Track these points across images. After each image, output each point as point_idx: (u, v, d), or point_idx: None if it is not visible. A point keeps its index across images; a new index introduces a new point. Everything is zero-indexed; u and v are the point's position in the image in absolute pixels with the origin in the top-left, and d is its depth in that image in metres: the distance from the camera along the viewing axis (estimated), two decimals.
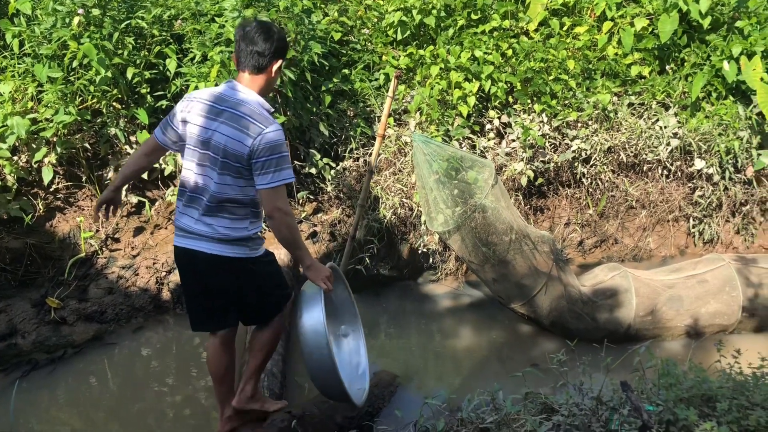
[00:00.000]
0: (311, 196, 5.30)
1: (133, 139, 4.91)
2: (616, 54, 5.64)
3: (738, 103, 5.40)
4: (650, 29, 5.61)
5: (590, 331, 4.31)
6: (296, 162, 5.12)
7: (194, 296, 3.06)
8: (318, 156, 5.12)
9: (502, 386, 2.62)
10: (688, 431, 2.10)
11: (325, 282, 2.96)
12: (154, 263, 4.78)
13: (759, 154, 5.34)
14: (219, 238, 2.82)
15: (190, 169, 2.84)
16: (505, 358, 4.43)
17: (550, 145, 5.46)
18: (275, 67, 2.83)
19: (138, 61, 4.74)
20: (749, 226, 5.61)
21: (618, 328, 4.36)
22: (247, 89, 2.81)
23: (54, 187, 4.84)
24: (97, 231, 4.80)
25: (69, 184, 4.89)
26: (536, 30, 5.83)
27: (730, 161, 5.39)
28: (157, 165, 4.88)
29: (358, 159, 5.30)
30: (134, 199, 4.94)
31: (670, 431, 2.14)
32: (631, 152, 5.48)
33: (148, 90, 4.83)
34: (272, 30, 2.82)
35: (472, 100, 5.20)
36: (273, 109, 2.89)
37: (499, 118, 5.42)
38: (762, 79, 5.03)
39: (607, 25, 5.68)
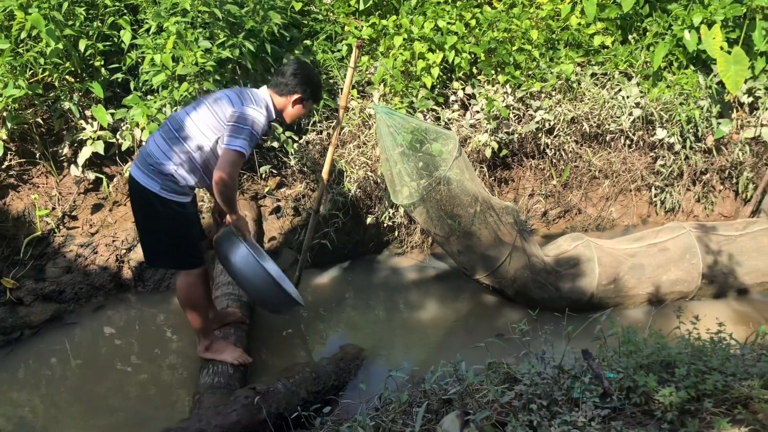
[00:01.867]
0: (274, 171, 5.22)
1: (87, 113, 4.75)
2: (579, 24, 5.62)
3: (698, 72, 5.44)
4: None
5: (554, 301, 4.35)
6: None
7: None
8: (280, 129, 5.03)
9: (466, 357, 2.62)
10: (647, 397, 2.13)
11: (246, 231, 3.49)
12: (113, 241, 4.68)
13: (719, 123, 5.41)
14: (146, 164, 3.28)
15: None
16: (470, 329, 4.45)
17: (514, 116, 5.45)
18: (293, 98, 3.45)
19: (91, 33, 4.58)
20: (709, 195, 5.70)
21: (581, 297, 4.40)
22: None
23: (6, 164, 4.67)
24: (54, 209, 4.67)
25: (22, 160, 4.73)
26: (499, 0, 5.77)
27: (690, 130, 5.44)
28: (114, 140, 4.75)
29: (321, 132, 5.22)
30: (91, 176, 4.81)
31: (630, 397, 2.16)
32: (594, 122, 5.50)
33: (103, 63, 4.67)
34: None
35: (436, 71, 5.15)
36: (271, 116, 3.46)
37: (463, 89, 5.38)
38: (722, 48, 5.07)
39: None
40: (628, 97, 5.45)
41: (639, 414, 2.12)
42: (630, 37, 5.70)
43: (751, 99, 5.44)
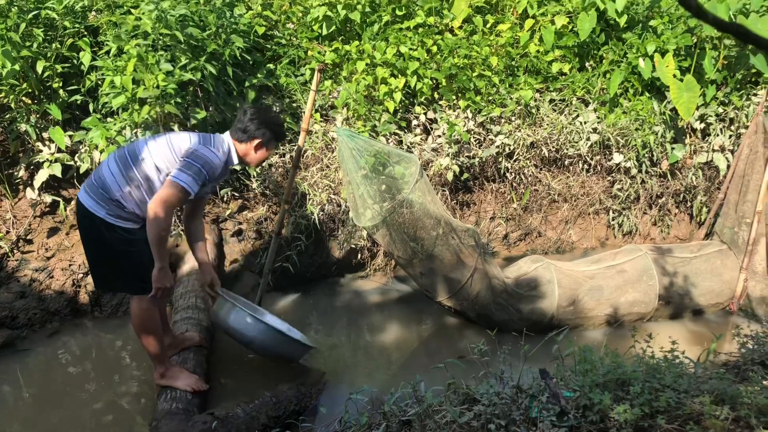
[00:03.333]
0: (236, 194, 5.19)
1: (45, 135, 4.68)
2: (537, 51, 5.76)
3: (653, 99, 5.60)
4: (570, 27, 5.76)
5: (515, 322, 4.38)
6: None
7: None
8: None
9: (427, 379, 2.63)
10: (603, 414, 2.16)
11: (161, 288, 3.25)
12: (70, 265, 4.59)
13: (673, 148, 5.56)
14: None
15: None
16: (433, 352, 4.45)
17: (475, 141, 5.53)
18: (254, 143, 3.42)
19: (49, 54, 4.53)
20: (665, 218, 5.84)
21: (542, 318, 4.45)
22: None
23: None
24: (8, 232, 4.56)
25: None
26: (460, 27, 5.89)
27: (646, 155, 5.59)
28: (72, 162, 4.69)
29: (283, 155, 5.22)
30: (48, 199, 4.72)
31: (587, 415, 2.18)
32: (553, 147, 5.61)
33: (61, 84, 4.62)
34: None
35: (398, 96, 5.22)
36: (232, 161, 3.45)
37: (425, 113, 5.45)
38: (674, 75, 5.24)
39: (528, 23, 5.80)
40: (585, 122, 5.58)
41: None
42: (587, 64, 5.85)
43: (703, 125, 5.62)
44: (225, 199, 5.10)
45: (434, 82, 5.44)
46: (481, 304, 4.44)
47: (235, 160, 3.45)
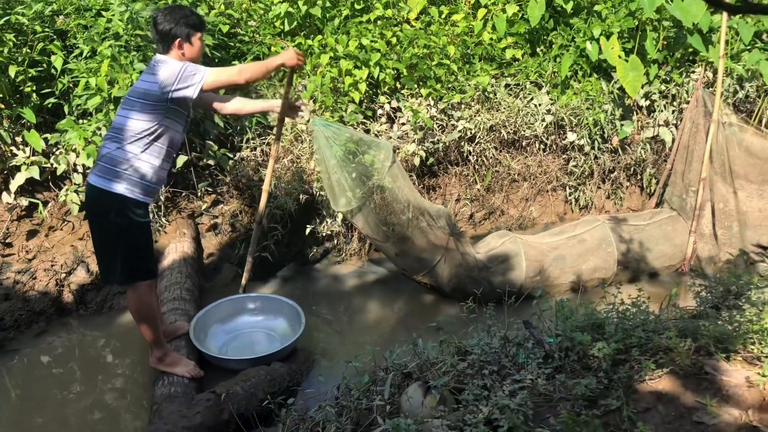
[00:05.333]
0: (209, 189, 5.33)
1: (18, 139, 4.74)
2: (491, 39, 6.04)
3: (601, 79, 5.95)
4: (521, 15, 6.06)
5: (487, 294, 4.63)
6: (193, 154, 5.13)
7: None
8: (215, 147, 5.16)
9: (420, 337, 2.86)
10: (584, 353, 2.43)
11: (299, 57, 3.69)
12: (52, 265, 4.66)
13: (622, 125, 5.93)
14: None
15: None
16: (411, 327, 4.67)
17: (438, 127, 5.78)
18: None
19: (21, 59, 4.59)
20: (618, 191, 6.21)
21: (512, 289, 4.72)
22: None
23: None
24: None
25: None
26: (417, 18, 6.14)
27: (597, 132, 5.94)
28: (48, 165, 4.76)
29: (255, 149, 5.38)
30: (24, 202, 4.78)
31: (569, 355, 2.45)
32: (511, 129, 5.91)
33: (34, 88, 4.68)
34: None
35: (363, 87, 5.42)
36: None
37: (389, 103, 5.67)
38: (620, 56, 5.59)
39: (481, 12, 6.08)
40: (539, 104, 5.90)
41: (578, 368, 2.41)
42: (538, 49, 6.17)
43: (648, 102, 6.01)
44: (200, 194, 5.23)
45: (396, 72, 5.67)
46: (455, 280, 4.69)
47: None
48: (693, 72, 6.00)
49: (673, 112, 5.98)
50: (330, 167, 4.41)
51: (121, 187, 3.31)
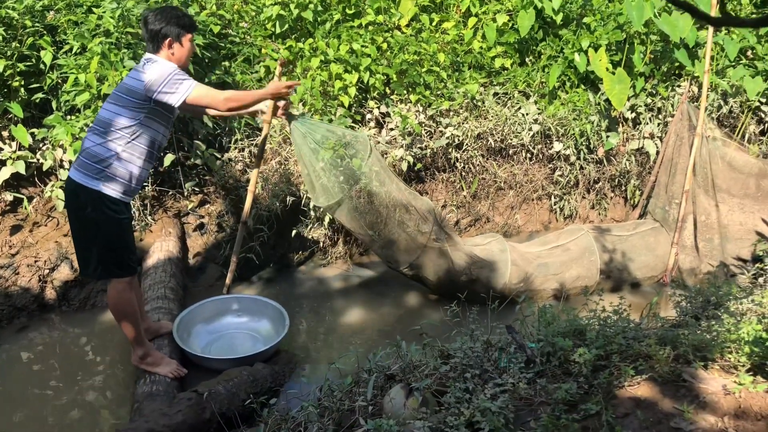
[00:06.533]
0: (196, 189, 5.32)
1: (5, 134, 4.71)
2: (481, 48, 6.10)
3: (588, 90, 6.02)
4: (510, 24, 6.12)
5: (471, 293, 4.65)
6: (181, 153, 5.13)
7: None
8: (203, 147, 5.16)
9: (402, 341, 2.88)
10: (565, 358, 2.46)
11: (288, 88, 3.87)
12: (35, 261, 4.63)
13: (608, 136, 6.00)
14: None
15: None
16: (395, 330, 4.69)
17: (426, 133, 5.82)
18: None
19: (9, 53, 4.56)
20: (602, 201, 6.28)
21: (495, 286, 4.73)
22: None
23: None
24: None
25: None
26: (408, 25, 6.18)
27: (583, 143, 6.00)
28: (34, 160, 4.73)
29: (243, 150, 5.39)
30: (9, 197, 4.75)
31: (551, 360, 2.48)
32: (498, 138, 5.95)
33: (22, 83, 4.66)
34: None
35: (352, 91, 5.45)
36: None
37: (378, 108, 5.70)
38: (607, 69, 5.66)
39: (472, 21, 6.14)
40: (527, 114, 5.95)
41: (559, 373, 2.44)
42: (527, 59, 6.23)
43: (633, 114, 6.09)
44: (187, 194, 5.22)
45: (386, 77, 5.70)
46: (440, 275, 4.70)
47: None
48: (678, 86, 6.09)
49: (659, 125, 6.06)
50: (309, 162, 4.39)
51: (99, 185, 3.32)
